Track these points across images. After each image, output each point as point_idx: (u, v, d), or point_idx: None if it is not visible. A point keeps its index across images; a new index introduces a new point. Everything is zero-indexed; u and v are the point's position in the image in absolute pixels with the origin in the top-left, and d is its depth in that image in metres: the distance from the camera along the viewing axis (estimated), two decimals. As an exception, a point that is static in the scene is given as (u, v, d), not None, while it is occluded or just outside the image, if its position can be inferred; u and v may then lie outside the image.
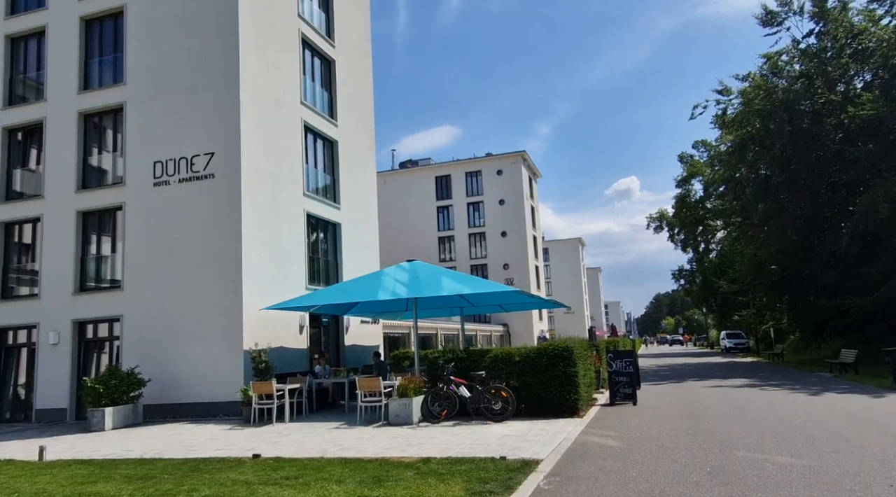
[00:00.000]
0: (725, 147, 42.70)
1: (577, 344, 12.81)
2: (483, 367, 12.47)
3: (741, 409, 12.63)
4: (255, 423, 12.95)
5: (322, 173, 20.15)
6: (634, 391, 14.07)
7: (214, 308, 15.11)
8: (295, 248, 17.58)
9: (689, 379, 21.92)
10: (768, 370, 25.69)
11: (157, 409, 14.93)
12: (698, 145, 57.76)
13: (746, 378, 21.41)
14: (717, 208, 38.73)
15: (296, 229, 17.73)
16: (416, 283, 14.05)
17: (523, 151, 55.24)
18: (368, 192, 22.94)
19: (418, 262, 15.71)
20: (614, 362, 14.28)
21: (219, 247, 15.32)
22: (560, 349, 12.16)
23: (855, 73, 27.01)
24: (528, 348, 12.67)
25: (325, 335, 19.62)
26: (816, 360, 30.83)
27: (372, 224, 22.93)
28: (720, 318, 57.80)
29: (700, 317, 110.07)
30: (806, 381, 19.06)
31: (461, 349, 13.15)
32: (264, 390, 12.73)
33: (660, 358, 42.48)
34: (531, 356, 12.33)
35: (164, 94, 16.41)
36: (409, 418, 11.76)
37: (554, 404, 12.01)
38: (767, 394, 15.74)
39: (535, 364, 12.22)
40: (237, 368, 14.59)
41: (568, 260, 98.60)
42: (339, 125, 20.98)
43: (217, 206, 15.50)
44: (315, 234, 19.36)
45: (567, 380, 11.97)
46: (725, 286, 36.10)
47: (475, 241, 55.54)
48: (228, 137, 15.61)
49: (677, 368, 29.06)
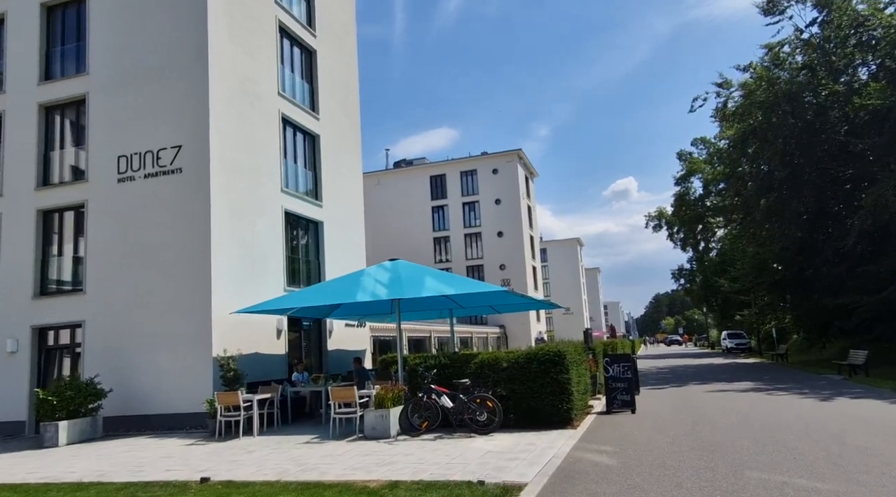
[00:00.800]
0: (725, 143, 41.76)
1: (570, 348, 11.79)
2: (468, 375, 11.45)
3: (749, 417, 11.61)
4: (221, 436, 11.90)
5: (302, 169, 19.12)
6: (633, 398, 13.04)
7: (182, 312, 14.08)
8: (272, 248, 16.55)
9: (691, 382, 20.90)
10: (773, 372, 24.68)
11: (119, 422, 13.89)
12: (697, 142, 56.80)
13: (751, 381, 20.38)
14: (718, 205, 37.73)
15: (273, 227, 16.70)
16: (397, 283, 13.05)
17: (519, 150, 54.24)
18: (354, 189, 21.92)
19: (401, 261, 14.70)
20: (611, 367, 13.25)
21: (187, 247, 14.30)
22: (551, 354, 11.14)
23: (861, 63, 26.04)
24: (517, 353, 11.65)
25: (307, 340, 18.57)
26: (821, 360, 29.83)
27: (358, 223, 21.90)
28: (721, 317, 56.79)
29: (700, 317, 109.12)
30: (815, 385, 18.04)
31: (444, 354, 12.13)
32: (230, 401, 11.68)
33: (660, 359, 41.45)
34: (520, 362, 11.30)
35: (129, 84, 15.39)
36: (386, 431, 10.72)
37: (545, 414, 10.99)
38: (775, 399, 14.71)
39: (524, 370, 11.20)
40: (206, 377, 13.54)
41: (566, 260, 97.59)
42: (322, 118, 19.96)
43: (185, 203, 14.48)
44: (295, 233, 18.33)
45: (559, 387, 10.94)
46: (727, 285, 35.10)
47: (471, 241, 54.51)
48: (197, 129, 14.59)
49: (678, 370, 28.02)
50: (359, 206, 22.23)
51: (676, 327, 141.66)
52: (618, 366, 13.17)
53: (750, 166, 26.97)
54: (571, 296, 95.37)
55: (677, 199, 54.55)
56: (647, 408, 13.60)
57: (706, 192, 53.17)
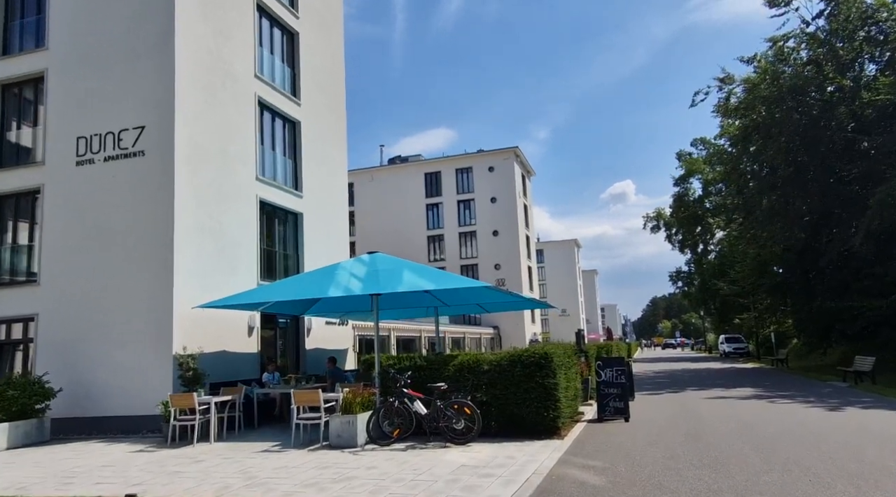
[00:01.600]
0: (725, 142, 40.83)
1: (558, 350, 10.76)
2: (445, 378, 10.42)
3: (752, 427, 10.60)
4: (176, 442, 10.84)
5: (281, 157, 18.07)
6: (627, 405, 12.02)
7: (142, 306, 13.02)
8: (245, 239, 15.50)
9: (689, 388, 19.90)
10: (774, 378, 23.69)
11: (71, 424, 12.82)
12: (697, 143, 55.92)
13: (752, 387, 19.39)
14: (719, 203, 36.68)
15: (246, 217, 15.65)
16: (373, 277, 12.01)
17: (516, 147, 53.24)
18: (338, 181, 20.87)
19: (380, 254, 13.67)
20: (603, 371, 12.23)
21: (148, 236, 13.23)
22: (537, 356, 10.12)
23: (869, 58, 25.08)
24: (501, 354, 10.62)
25: (283, 338, 17.52)
26: (822, 366, 28.84)
27: (341, 216, 20.85)
28: (719, 321, 55.85)
29: (697, 320, 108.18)
30: (820, 392, 17.05)
31: (420, 355, 11.09)
32: (184, 404, 10.63)
33: (656, 363, 40.47)
34: (502, 364, 10.28)
35: (90, 59, 14.32)
36: (352, 439, 9.69)
37: (529, 422, 9.98)
38: (780, 408, 13.70)
39: (507, 374, 10.18)
40: (166, 376, 12.48)
41: (563, 262, 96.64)
42: (303, 105, 18.91)
43: (147, 189, 13.41)
44: (271, 224, 17.28)
45: (545, 393, 9.92)
46: (726, 288, 34.14)
47: (465, 240, 53.48)
48: (161, 109, 13.53)
49: (675, 375, 27.02)
50: (343, 198, 21.19)
51: (673, 331, 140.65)
52: (610, 370, 12.15)
53: (752, 164, 25.98)
54: (568, 298, 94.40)
55: (676, 199, 53.63)
56: (641, 416, 12.58)
57: (705, 193, 52.27)
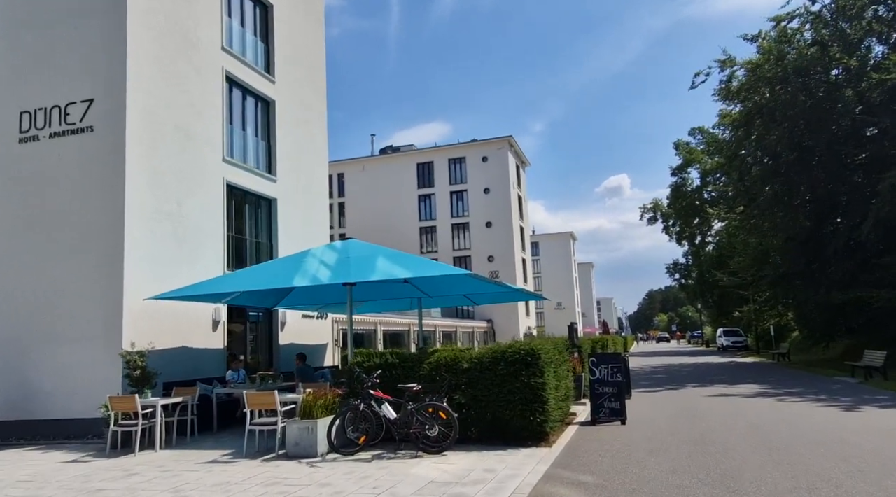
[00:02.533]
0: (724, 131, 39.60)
1: (547, 345, 9.59)
2: (420, 377, 9.25)
3: (763, 431, 9.46)
4: (117, 450, 9.63)
5: (253, 138, 16.81)
6: (623, 406, 10.87)
7: (89, 298, 11.79)
8: (210, 226, 14.26)
9: (689, 384, 18.80)
10: (777, 373, 22.63)
11: (13, 429, 11.61)
12: (695, 132, 54.78)
13: (755, 383, 18.30)
14: (720, 190, 35.43)
15: (211, 202, 14.40)
16: (344, 266, 10.83)
17: (510, 136, 51.96)
18: (317, 166, 19.61)
19: (354, 240, 12.50)
20: (598, 368, 11.08)
21: (97, 220, 11.98)
22: (522, 353, 8.94)
23: (877, 39, 23.87)
24: (482, 351, 9.45)
25: (254, 332, 16.33)
26: (825, 361, 27.82)
27: (320, 202, 19.61)
28: (717, 314, 54.86)
29: (694, 314, 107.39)
30: (829, 389, 15.96)
31: (391, 352, 9.91)
32: (125, 407, 9.42)
33: (653, 357, 39.46)
34: (484, 362, 9.11)
35: (33, 23, 13.01)
36: (311, 448, 8.50)
37: (514, 427, 8.82)
38: (790, 407, 12.59)
39: (488, 373, 9.00)
40: (114, 376, 11.26)
41: (558, 255, 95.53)
42: (278, 82, 17.63)
43: (96, 168, 12.15)
44: (241, 210, 16.04)
45: (531, 395, 8.76)
46: (726, 279, 33.08)
47: (458, 231, 52.28)
48: (111, 79, 12.24)
49: (673, 370, 25.95)
50: (322, 184, 19.93)
51: (670, 324, 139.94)
52: (606, 367, 11.00)
53: (754, 150, 24.80)
54: (564, 291, 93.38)
55: (674, 190, 52.49)
56: (639, 416, 11.44)
57: (704, 183, 51.15)
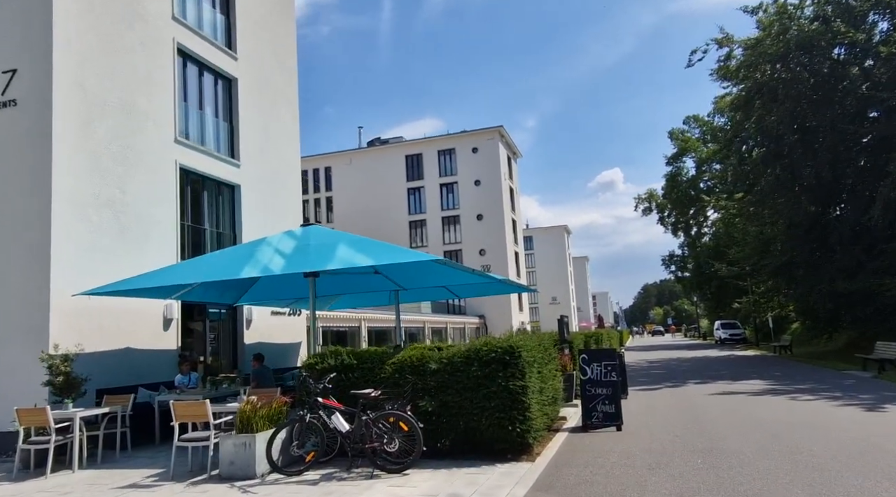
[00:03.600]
0: (718, 119, 38.37)
1: (530, 342, 8.24)
2: (382, 380, 7.89)
3: (781, 437, 8.14)
4: (31, 471, 8.24)
5: (213, 119, 15.36)
6: (619, 409, 9.54)
7: (11, 295, 10.37)
8: (159, 213, 12.83)
9: (689, 380, 17.53)
10: (781, 367, 21.38)
11: (-75, 443, 10.19)
12: (690, 121, 53.69)
13: (760, 379, 17.04)
14: (716, 178, 34.18)
15: (161, 187, 12.97)
16: (301, 254, 9.49)
17: (500, 127, 50.56)
18: (287, 151, 18.17)
19: (316, 226, 11.16)
20: (589, 366, 9.75)
21: (21, 206, 10.56)
22: (500, 351, 7.59)
23: (881, 14, 22.58)
24: (454, 349, 8.08)
25: (216, 331, 14.94)
26: (829, 353, 26.65)
27: (291, 191, 18.16)
28: (715, 306, 53.72)
29: (690, 307, 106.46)
30: (842, 385, 14.70)
31: (349, 351, 8.55)
32: (35, 420, 8.02)
33: (650, 351, 38.26)
34: (455, 362, 7.75)
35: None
36: (249, 468, 7.13)
37: (490, 439, 7.49)
38: (805, 407, 11.29)
39: (461, 375, 7.65)
40: (38, 383, 9.86)
41: (553, 248, 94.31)
42: (241, 59, 16.18)
43: (19, 147, 10.72)
44: (198, 197, 14.62)
45: (510, 400, 7.42)
46: (724, 270, 31.86)
47: (449, 224, 50.89)
48: (36, 47, 10.80)
49: (672, 365, 24.70)
50: (294, 172, 18.50)
51: (665, 317, 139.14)
52: (598, 366, 9.67)
53: (755, 131, 23.46)
54: (558, 285, 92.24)
55: (669, 179, 51.28)
56: (637, 420, 10.13)
57: (699, 173, 49.97)
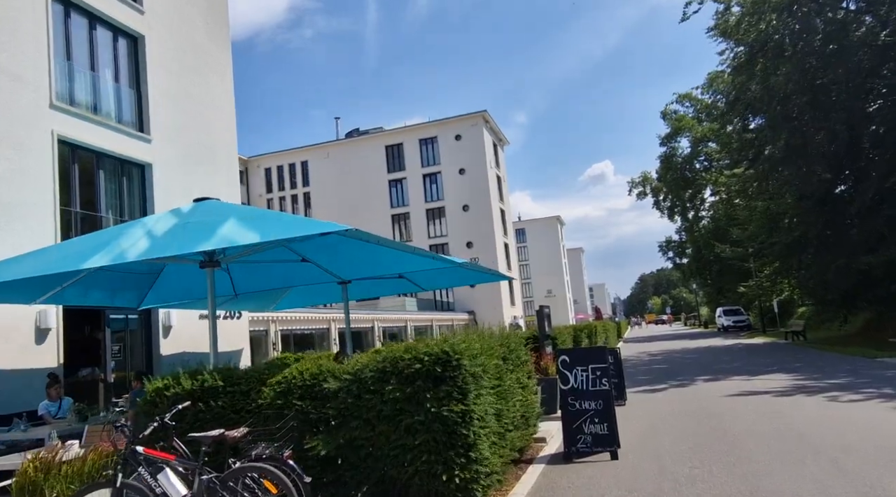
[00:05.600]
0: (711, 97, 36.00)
1: (477, 344, 5.59)
2: (254, 412, 5.25)
3: (842, 465, 5.50)
4: None
5: (112, 83, 12.71)
6: (614, 429, 6.92)
7: None
8: (28, 196, 10.20)
9: (698, 377, 14.96)
10: (800, 356, 18.82)
11: None
12: (682, 99, 51.18)
13: (782, 372, 14.50)
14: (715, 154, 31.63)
15: (30, 163, 10.33)
16: (172, 236, 6.80)
17: (484, 111, 47.89)
18: (219, 125, 15.54)
19: (213, 201, 8.46)
20: (571, 373, 7.14)
21: None
22: (428, 360, 4.96)
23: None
24: (365, 358, 5.43)
25: (121, 342, 12.29)
26: (846, 338, 24.18)
27: (225, 172, 15.54)
28: (715, 292, 51.29)
29: (689, 295, 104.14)
30: (884, 376, 12.14)
31: (213, 372, 5.88)
32: None
33: (650, 343, 35.74)
34: (364, 379, 5.11)
35: None
36: (27, 562, 4.50)
37: (418, 494, 4.86)
38: (855, 411, 8.70)
39: (371, 398, 5.02)
40: None
41: (546, 240, 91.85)
42: (149, 14, 13.51)
43: None
44: (91, 177, 11.97)
45: (446, 434, 4.80)
46: (728, 251, 29.35)
47: (433, 217, 48.24)
48: None
49: (675, 357, 22.16)
50: (229, 150, 15.87)
51: (664, 307, 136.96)
52: (584, 371, 7.05)
53: (761, 92, 20.82)
54: (553, 277, 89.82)
55: (663, 161, 48.81)
56: (639, 442, 7.51)
57: (695, 152, 47.53)
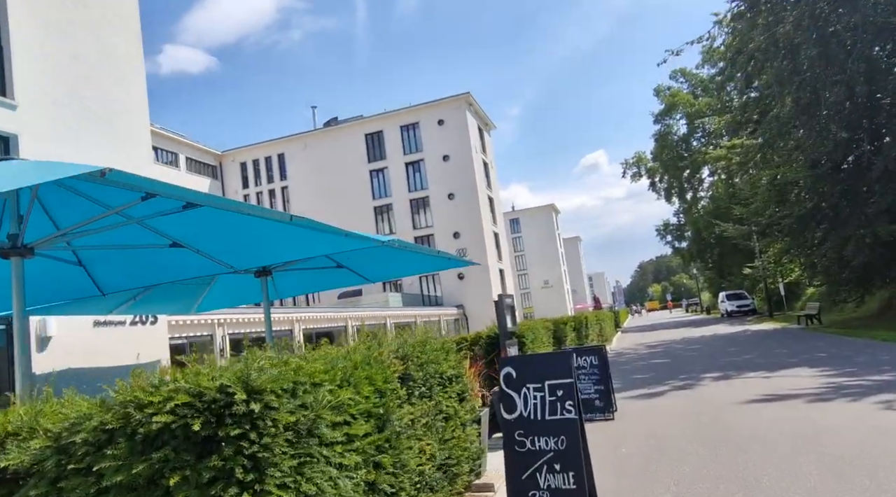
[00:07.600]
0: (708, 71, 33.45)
1: (340, 360, 3.07)
2: None
3: None
4: None
5: (-43, 35, 10.15)
6: (583, 483, 4.39)
7: None
8: None
9: (705, 374, 12.48)
10: (822, 345, 16.32)
11: None
12: (676, 75, 48.63)
13: (807, 366, 12.02)
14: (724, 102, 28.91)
15: None
16: None
17: (467, 93, 45.29)
18: (120, 92, 12.98)
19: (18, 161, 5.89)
20: (520, 395, 4.62)
21: None
22: (200, 399, 2.42)
23: None
24: (83, 408, 2.90)
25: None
26: (865, 320, 21.76)
27: (132, 148, 12.99)
28: (717, 276, 48.86)
29: (689, 280, 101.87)
30: (944, 370, 9.68)
31: None
32: None
33: (648, 332, 33.30)
34: (71, 446, 2.58)
35: None
36: None
37: None
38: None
39: (81, 483, 2.49)
40: None
41: (541, 230, 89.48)
42: (13, -48, 10.93)
43: None
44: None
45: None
46: (731, 229, 26.95)
47: (417, 207, 45.71)
48: None
49: (676, 350, 19.70)
50: (139, 122, 13.32)
51: (664, 294, 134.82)
52: (539, 391, 4.50)
53: (765, 44, 18.22)
54: (550, 267, 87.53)
55: (658, 140, 46.28)
56: (629, 485, 4.99)
57: (691, 129, 45.02)
